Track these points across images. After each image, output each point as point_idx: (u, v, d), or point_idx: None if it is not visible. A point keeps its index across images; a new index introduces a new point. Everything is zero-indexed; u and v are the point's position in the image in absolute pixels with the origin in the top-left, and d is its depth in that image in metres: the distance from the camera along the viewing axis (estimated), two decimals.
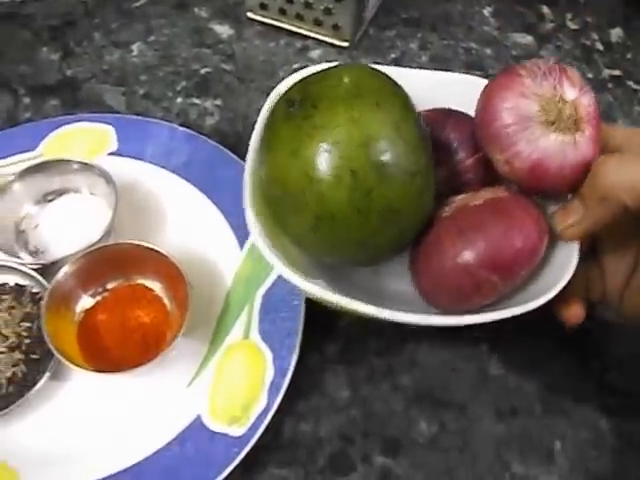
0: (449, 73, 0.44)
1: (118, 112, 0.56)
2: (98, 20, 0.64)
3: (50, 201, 0.49)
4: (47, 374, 0.41)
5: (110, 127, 0.52)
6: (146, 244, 0.43)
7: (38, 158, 0.50)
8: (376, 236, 0.35)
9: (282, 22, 0.62)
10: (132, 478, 0.38)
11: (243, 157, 0.49)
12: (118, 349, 0.42)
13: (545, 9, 0.69)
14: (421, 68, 0.45)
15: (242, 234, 0.47)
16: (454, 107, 0.41)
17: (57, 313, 0.42)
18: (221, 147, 0.51)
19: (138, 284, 0.44)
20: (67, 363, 0.39)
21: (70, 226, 0.48)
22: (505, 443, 0.42)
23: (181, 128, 0.52)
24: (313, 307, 0.43)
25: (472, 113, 0.37)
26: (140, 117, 0.53)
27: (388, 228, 0.35)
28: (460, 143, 0.39)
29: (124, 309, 0.43)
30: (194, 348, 0.43)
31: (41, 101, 0.57)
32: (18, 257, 0.45)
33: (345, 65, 0.37)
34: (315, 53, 0.62)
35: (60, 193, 0.49)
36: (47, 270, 0.44)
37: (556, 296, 0.35)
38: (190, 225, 0.48)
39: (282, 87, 0.40)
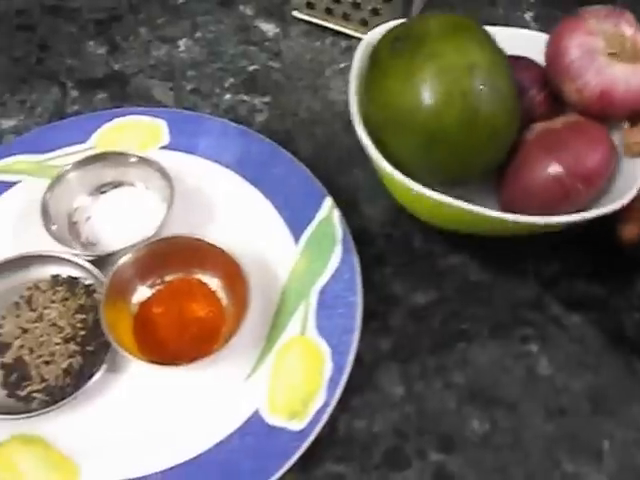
0: (511, 28, 0.49)
1: (167, 107, 0.56)
2: (143, 15, 0.65)
3: (103, 193, 0.50)
4: (104, 366, 0.41)
5: (162, 121, 0.53)
6: (206, 239, 0.43)
7: (89, 150, 0.51)
8: (479, 154, 0.41)
9: (328, 22, 0.62)
10: (193, 470, 0.38)
11: (294, 154, 0.50)
12: (174, 342, 0.42)
13: None
14: None
15: (297, 230, 0.47)
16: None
17: (114, 305, 0.42)
18: (274, 143, 0.51)
19: (194, 278, 0.45)
20: (127, 355, 0.40)
21: (123, 219, 0.49)
22: (555, 441, 0.42)
23: (233, 124, 0.53)
24: (367, 304, 0.44)
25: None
26: (192, 112, 0.54)
27: (490, 147, 0.41)
28: (531, 82, 0.45)
29: (180, 302, 0.44)
30: (250, 343, 0.43)
31: (89, 94, 0.58)
32: (71, 248, 0.46)
33: (435, 14, 0.42)
34: None
35: (114, 185, 0.50)
36: (100, 262, 0.45)
37: (619, 212, 0.40)
38: (244, 220, 0.48)
39: (368, 38, 0.46)
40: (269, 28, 0.64)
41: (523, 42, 0.47)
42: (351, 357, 0.42)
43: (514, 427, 0.42)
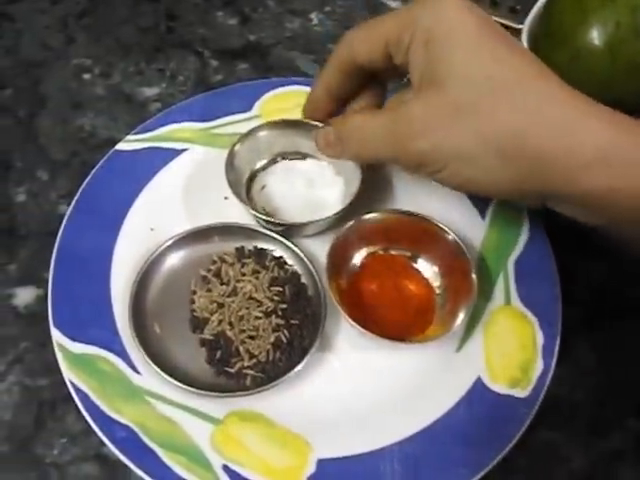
0: None
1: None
2: None
3: (278, 163, 0.48)
4: (317, 340, 0.39)
5: None
6: (434, 220, 0.43)
7: (254, 119, 0.49)
8: (618, 84, 0.43)
9: None
10: (426, 440, 0.38)
11: None
12: (385, 316, 0.42)
13: None
14: None
15: (481, 204, 0.47)
16: None
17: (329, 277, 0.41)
18: None
19: (403, 255, 0.44)
20: (362, 330, 0.39)
21: (299, 190, 0.47)
22: None
23: None
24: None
25: None
26: None
27: (630, 81, 0.43)
28: None
29: (390, 278, 0.43)
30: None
31: (230, 65, 0.57)
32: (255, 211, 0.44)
33: None
34: None
35: (292, 156, 0.48)
36: (282, 231, 0.44)
37: None
38: (425, 195, 0.47)
39: None
40: (396, 5, 0.63)
41: None
42: (559, 325, 0.42)
43: None
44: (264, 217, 0.43)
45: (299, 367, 0.38)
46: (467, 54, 0.33)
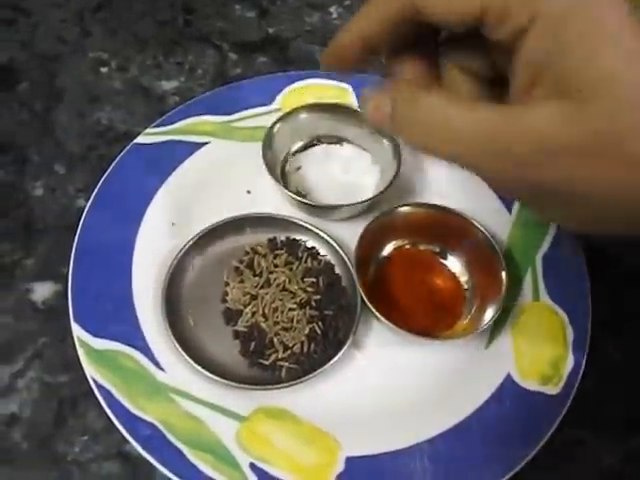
0: None
1: None
2: None
3: (316, 145, 0.48)
4: (353, 332, 0.39)
5: (347, 85, 0.51)
6: (465, 215, 0.42)
7: (275, 112, 0.48)
8: None
9: None
10: (457, 438, 0.37)
11: None
12: (412, 312, 0.41)
13: None
14: None
15: (507, 199, 0.46)
16: None
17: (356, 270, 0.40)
18: None
19: (432, 250, 0.44)
20: (392, 326, 0.38)
21: (333, 175, 0.46)
22: None
23: None
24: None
25: None
26: (378, 77, 0.52)
27: None
28: None
29: (417, 273, 0.42)
30: None
31: (249, 58, 0.56)
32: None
33: None
34: None
35: (330, 139, 0.48)
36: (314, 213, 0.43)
37: None
38: (450, 189, 0.46)
39: None
40: None
41: None
42: (589, 321, 0.41)
43: None
44: (297, 197, 0.42)
45: (335, 359, 0.37)
46: (631, 62, 0.24)
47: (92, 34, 0.57)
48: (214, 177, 0.46)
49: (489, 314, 0.40)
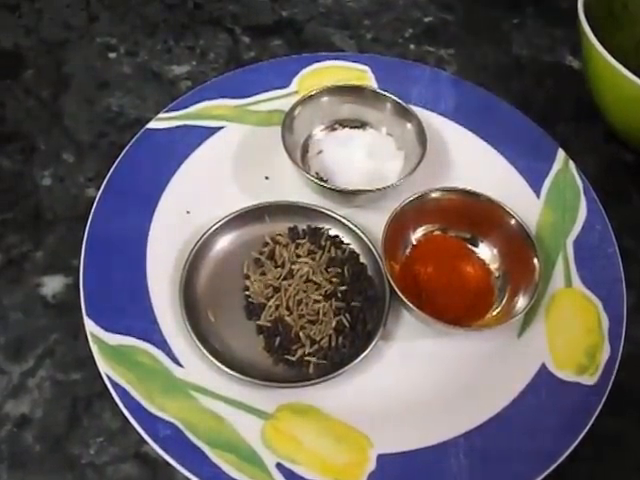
0: None
1: None
2: None
3: (339, 129, 0.46)
4: (382, 324, 0.37)
5: (366, 67, 0.49)
6: (497, 201, 0.40)
7: (293, 95, 0.46)
8: None
9: None
10: (493, 431, 0.35)
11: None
12: (442, 301, 0.39)
13: None
14: None
15: (535, 182, 0.44)
16: None
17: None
18: (489, 92, 0.48)
19: (462, 237, 0.42)
20: (425, 317, 0.36)
21: (355, 159, 0.44)
22: None
23: (444, 72, 0.49)
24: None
25: None
26: (395, 59, 0.50)
27: None
28: None
29: (447, 260, 0.40)
30: None
31: (263, 41, 0.54)
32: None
33: None
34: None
35: (353, 123, 0.46)
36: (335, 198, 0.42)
37: None
38: (475, 173, 0.44)
39: None
40: None
41: None
42: (625, 307, 0.39)
43: None
44: (318, 181, 0.41)
45: (366, 352, 0.35)
46: None
47: (99, 19, 0.55)
48: (230, 163, 0.44)
49: (521, 302, 0.38)
